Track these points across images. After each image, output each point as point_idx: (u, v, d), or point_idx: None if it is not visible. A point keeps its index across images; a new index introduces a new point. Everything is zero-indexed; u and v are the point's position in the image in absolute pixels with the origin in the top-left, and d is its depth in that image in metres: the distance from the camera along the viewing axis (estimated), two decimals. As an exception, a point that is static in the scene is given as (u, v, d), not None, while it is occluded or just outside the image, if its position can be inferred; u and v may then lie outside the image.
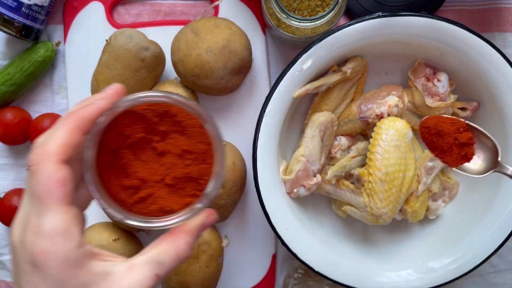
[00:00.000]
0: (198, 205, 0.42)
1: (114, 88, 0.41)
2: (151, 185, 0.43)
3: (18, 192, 0.66)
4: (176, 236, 0.40)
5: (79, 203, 0.40)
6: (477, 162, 0.51)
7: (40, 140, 0.37)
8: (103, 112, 0.39)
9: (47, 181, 0.35)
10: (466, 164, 0.52)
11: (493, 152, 0.50)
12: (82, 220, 0.40)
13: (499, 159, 0.49)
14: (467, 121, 0.51)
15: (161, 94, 0.42)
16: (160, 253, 0.39)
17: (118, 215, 0.41)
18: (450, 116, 0.53)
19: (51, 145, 0.36)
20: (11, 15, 0.62)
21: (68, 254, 0.34)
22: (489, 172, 0.50)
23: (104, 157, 0.42)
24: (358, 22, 0.57)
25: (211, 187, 0.42)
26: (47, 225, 0.34)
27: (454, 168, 0.50)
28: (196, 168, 0.43)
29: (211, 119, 0.42)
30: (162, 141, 0.43)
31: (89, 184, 0.40)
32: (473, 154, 0.51)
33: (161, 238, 0.40)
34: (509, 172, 0.50)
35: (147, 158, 0.43)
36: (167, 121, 0.43)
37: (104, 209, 0.40)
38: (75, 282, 0.34)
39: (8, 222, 0.66)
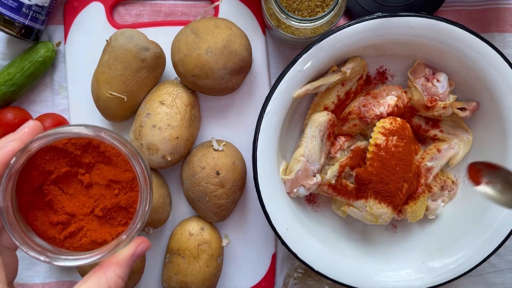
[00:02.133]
0: (123, 237, 0.41)
1: (28, 127, 0.40)
2: (81, 219, 0.43)
3: None
4: (105, 269, 0.39)
5: (8, 244, 0.40)
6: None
7: None
8: (16, 153, 0.39)
9: None
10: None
11: None
12: (11, 261, 0.38)
13: None
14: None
15: (77, 131, 0.40)
16: None
17: (41, 258, 0.40)
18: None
19: None
20: (12, 15, 0.62)
21: None
22: None
23: (28, 195, 0.42)
24: (358, 22, 0.58)
25: (138, 217, 0.41)
26: None
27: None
28: (125, 197, 0.43)
29: (131, 149, 0.41)
30: (87, 173, 0.43)
31: (6, 228, 0.39)
32: None
33: (91, 272, 0.39)
34: None
35: (73, 191, 0.43)
36: (91, 152, 0.42)
37: (26, 253, 0.39)
38: None
39: None
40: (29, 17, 0.63)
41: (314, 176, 0.61)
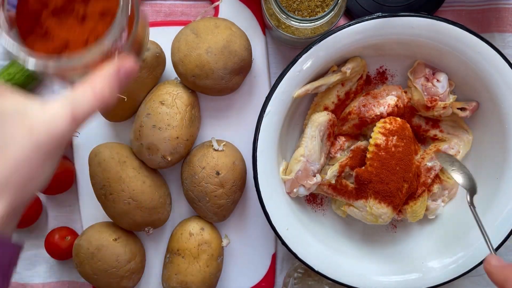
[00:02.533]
0: (106, 40, 0.39)
1: None
2: (77, 47, 0.42)
3: (61, 229, 0.68)
4: (92, 79, 0.39)
5: None
6: None
7: None
8: None
9: None
10: None
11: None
12: None
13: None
14: None
15: None
16: (76, 95, 0.37)
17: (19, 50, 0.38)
18: None
19: None
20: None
21: None
22: None
23: (25, 24, 0.42)
24: (358, 22, 0.58)
25: (117, 21, 0.40)
26: None
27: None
28: None
29: None
30: (84, 5, 0.43)
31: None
32: None
33: (76, 85, 0.39)
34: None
35: (70, 23, 0.43)
36: None
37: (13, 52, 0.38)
38: None
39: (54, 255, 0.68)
40: (29, 17, 0.63)
41: (314, 176, 0.61)
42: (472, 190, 0.59)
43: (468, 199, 0.58)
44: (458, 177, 0.60)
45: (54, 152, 0.36)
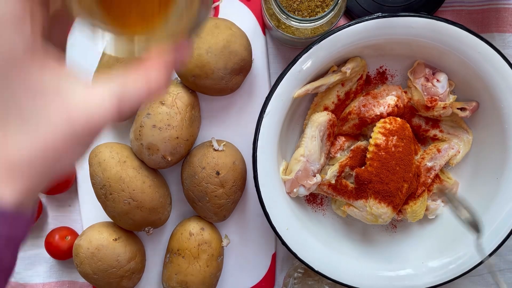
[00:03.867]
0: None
1: None
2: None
3: (61, 229, 0.68)
4: (147, 66, 0.32)
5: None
6: None
7: None
8: None
9: None
10: None
11: None
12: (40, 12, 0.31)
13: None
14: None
15: None
16: (126, 83, 0.32)
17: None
18: None
19: None
20: (12, 15, 0.62)
21: (14, 49, 0.27)
22: None
23: None
24: (358, 22, 0.58)
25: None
26: None
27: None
28: None
29: None
30: None
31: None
32: None
33: (128, 68, 0.33)
34: None
35: None
36: None
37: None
38: (21, 85, 0.28)
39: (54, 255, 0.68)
40: (29, 17, 0.63)
41: (314, 176, 0.62)
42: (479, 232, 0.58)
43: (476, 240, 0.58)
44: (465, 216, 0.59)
45: (89, 140, 0.32)
